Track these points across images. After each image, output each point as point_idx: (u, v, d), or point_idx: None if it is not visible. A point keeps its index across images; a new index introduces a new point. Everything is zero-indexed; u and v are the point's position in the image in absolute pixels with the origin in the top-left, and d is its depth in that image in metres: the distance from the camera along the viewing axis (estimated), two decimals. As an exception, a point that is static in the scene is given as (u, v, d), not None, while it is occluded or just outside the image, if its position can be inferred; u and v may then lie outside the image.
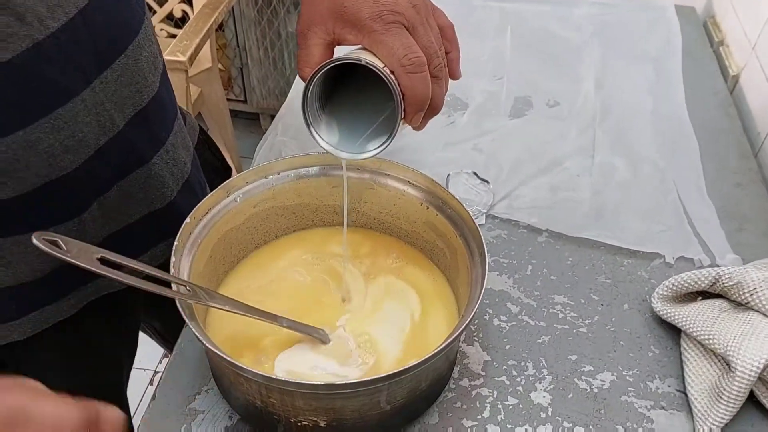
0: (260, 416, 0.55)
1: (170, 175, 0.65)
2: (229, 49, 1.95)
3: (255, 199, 0.62)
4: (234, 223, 0.62)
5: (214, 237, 0.60)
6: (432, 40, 0.50)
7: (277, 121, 0.89)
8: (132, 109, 0.59)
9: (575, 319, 0.66)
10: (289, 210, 0.66)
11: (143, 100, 0.60)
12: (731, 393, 0.54)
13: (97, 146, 0.56)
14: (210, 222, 0.59)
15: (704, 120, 0.90)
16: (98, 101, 0.54)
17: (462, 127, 0.88)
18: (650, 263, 0.71)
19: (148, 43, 0.60)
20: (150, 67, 0.60)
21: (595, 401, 0.59)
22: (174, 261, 0.54)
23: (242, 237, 0.64)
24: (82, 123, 0.53)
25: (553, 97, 0.93)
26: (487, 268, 0.54)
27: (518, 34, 1.06)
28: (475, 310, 0.51)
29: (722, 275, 0.60)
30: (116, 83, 0.56)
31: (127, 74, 0.57)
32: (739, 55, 1.00)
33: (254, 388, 0.51)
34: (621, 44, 1.03)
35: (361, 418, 0.52)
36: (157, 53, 0.63)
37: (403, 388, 0.52)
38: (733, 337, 0.56)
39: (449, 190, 0.61)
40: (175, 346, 0.63)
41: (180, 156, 0.67)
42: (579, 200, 0.78)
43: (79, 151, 0.54)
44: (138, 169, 0.61)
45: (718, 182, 0.81)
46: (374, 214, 0.66)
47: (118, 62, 0.56)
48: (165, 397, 0.59)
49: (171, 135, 0.65)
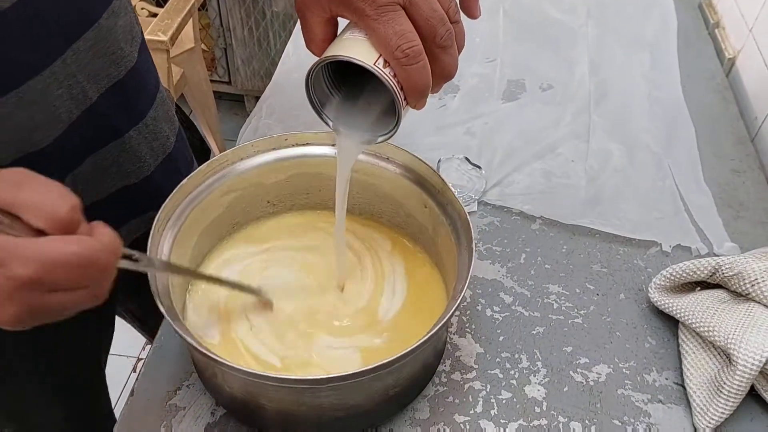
0: (244, 408, 0.53)
1: (149, 150, 0.63)
2: (212, 29, 1.90)
3: (238, 179, 0.60)
4: (217, 205, 0.59)
5: (198, 215, 0.57)
6: (434, 8, 0.45)
7: (261, 104, 0.86)
8: (107, 81, 0.56)
9: (570, 310, 0.64)
10: (273, 192, 0.63)
11: (119, 72, 0.57)
12: (732, 387, 0.52)
13: (70, 120, 0.53)
14: (194, 199, 0.57)
15: (700, 104, 0.88)
16: (70, 73, 0.52)
17: (453, 111, 0.85)
18: (646, 251, 0.69)
19: (123, 12, 0.57)
20: (126, 37, 0.58)
21: (591, 395, 0.57)
22: (153, 234, 0.52)
23: (225, 218, 0.61)
24: (53, 96, 0.51)
25: (547, 81, 0.91)
26: (475, 256, 0.51)
27: (511, 16, 1.03)
28: (458, 303, 0.48)
29: (722, 265, 0.58)
30: (89, 54, 0.53)
31: (100, 45, 0.54)
32: (735, 38, 0.97)
33: (238, 382, 0.49)
34: (616, 26, 1.01)
35: (347, 408, 0.50)
36: (135, 23, 0.60)
37: (388, 379, 0.50)
38: (734, 329, 0.54)
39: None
40: (155, 338, 0.60)
41: (162, 130, 0.65)
42: (574, 187, 0.76)
43: (51, 126, 0.52)
44: (112, 142, 0.59)
45: (714, 168, 0.79)
46: (364, 198, 0.64)
47: (90, 32, 0.53)
48: (144, 392, 0.56)
49: (152, 109, 0.63)
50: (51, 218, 0.36)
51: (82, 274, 0.37)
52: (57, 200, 0.37)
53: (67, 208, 0.37)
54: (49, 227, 0.36)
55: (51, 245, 0.36)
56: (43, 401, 0.70)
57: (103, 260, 0.38)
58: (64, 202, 0.37)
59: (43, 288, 0.36)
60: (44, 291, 0.36)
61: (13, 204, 0.36)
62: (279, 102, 0.87)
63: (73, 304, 0.38)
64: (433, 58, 0.45)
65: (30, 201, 0.36)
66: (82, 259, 0.36)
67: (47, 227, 0.36)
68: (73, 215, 0.37)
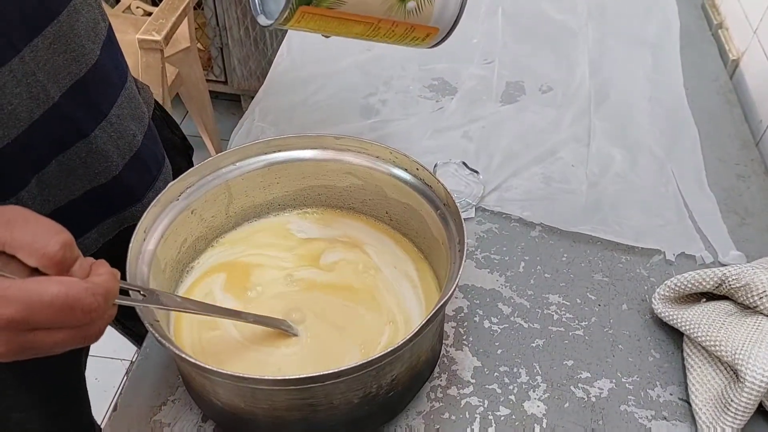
0: (234, 418, 0.51)
1: (115, 149, 0.61)
2: (208, 28, 1.88)
3: (227, 184, 0.58)
4: (206, 207, 0.58)
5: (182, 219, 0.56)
6: None
7: (254, 106, 0.84)
8: (68, 80, 0.54)
9: (571, 321, 0.62)
10: (267, 193, 0.61)
11: (81, 69, 0.55)
12: (740, 404, 0.50)
13: (30, 119, 0.52)
14: (177, 205, 0.55)
15: (703, 107, 0.86)
16: (28, 71, 0.50)
17: (451, 114, 0.83)
18: (649, 260, 0.67)
19: (86, 9, 0.55)
20: (89, 34, 0.56)
21: (593, 411, 0.55)
22: (132, 247, 0.50)
23: (212, 221, 0.59)
24: (11, 94, 0.49)
25: (547, 83, 0.89)
26: (464, 262, 0.50)
27: (510, 16, 1.01)
28: (446, 299, 0.47)
29: (729, 276, 0.56)
30: (48, 51, 0.52)
31: (60, 41, 0.53)
32: (739, 39, 0.95)
33: (228, 390, 0.48)
34: (617, 27, 0.99)
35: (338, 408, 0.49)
36: (99, 19, 0.58)
37: (386, 374, 0.48)
38: (742, 344, 0.52)
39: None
40: (140, 349, 0.58)
41: (128, 128, 0.63)
42: (574, 192, 0.73)
43: (9, 125, 0.50)
44: (78, 142, 0.57)
45: (719, 173, 0.77)
46: (358, 197, 0.62)
47: (50, 29, 0.51)
48: (128, 407, 0.54)
49: (115, 107, 0.61)
50: (43, 256, 0.37)
51: (66, 316, 0.37)
52: (47, 238, 0.37)
53: (58, 245, 0.37)
54: (41, 265, 0.37)
55: (34, 286, 0.37)
56: (20, 401, 0.68)
57: (88, 302, 0.38)
58: (54, 240, 0.37)
59: (27, 327, 0.37)
60: (28, 330, 0.37)
61: (6, 244, 0.36)
62: (272, 104, 0.84)
63: (61, 343, 0.38)
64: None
65: (22, 240, 0.37)
66: (65, 300, 0.37)
67: (40, 265, 0.37)
68: (65, 252, 0.38)
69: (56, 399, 0.74)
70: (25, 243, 0.37)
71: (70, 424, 0.77)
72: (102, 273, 0.39)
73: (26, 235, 0.37)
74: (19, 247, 0.37)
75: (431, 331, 0.51)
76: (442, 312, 0.48)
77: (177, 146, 0.80)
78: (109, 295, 0.39)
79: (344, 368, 0.43)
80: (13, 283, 0.36)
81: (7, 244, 0.36)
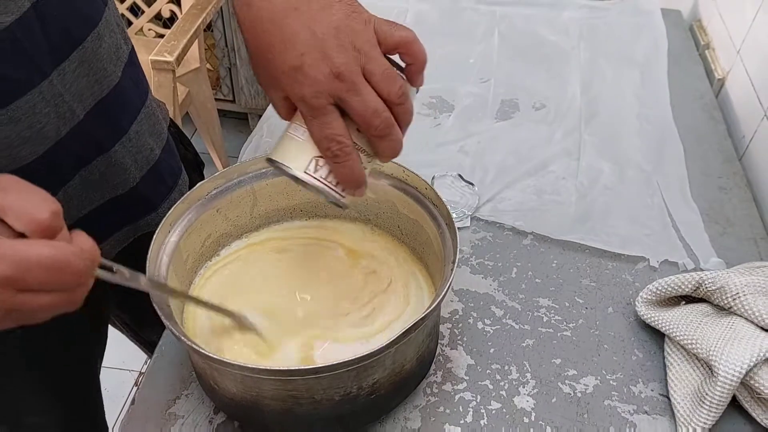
0: (245, 409, 0.54)
1: (133, 162, 0.65)
2: (217, 49, 1.94)
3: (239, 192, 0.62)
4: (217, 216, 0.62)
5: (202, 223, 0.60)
6: (367, 100, 0.45)
7: (262, 123, 0.89)
8: (92, 100, 0.58)
9: (559, 323, 0.65)
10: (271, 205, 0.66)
11: (103, 90, 0.59)
12: (714, 398, 0.54)
13: (57, 137, 0.55)
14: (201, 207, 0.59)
15: (689, 123, 0.90)
16: (56, 93, 0.54)
17: (448, 129, 0.88)
18: (635, 266, 0.71)
19: (109, 34, 0.60)
20: (111, 57, 0.60)
21: (579, 405, 0.59)
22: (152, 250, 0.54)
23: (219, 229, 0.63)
24: (40, 114, 0.53)
25: (540, 100, 0.93)
26: (456, 267, 0.53)
27: (506, 37, 1.06)
28: (439, 301, 0.50)
29: (705, 279, 0.60)
30: (74, 74, 0.56)
31: (85, 65, 0.57)
32: (724, 59, 1.00)
33: (237, 381, 0.51)
34: (608, 48, 1.04)
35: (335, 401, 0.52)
36: (121, 43, 0.62)
37: (387, 366, 0.51)
38: (716, 341, 0.56)
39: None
40: (156, 348, 0.62)
41: (146, 143, 0.67)
42: (564, 203, 0.78)
43: (38, 142, 0.54)
44: (98, 157, 0.61)
45: (702, 186, 0.81)
46: (372, 210, 0.66)
47: (76, 54, 0.55)
48: (144, 401, 0.58)
49: (134, 123, 0.65)
50: (32, 222, 0.38)
51: (56, 277, 0.38)
52: (39, 205, 0.38)
53: (48, 213, 0.38)
54: (29, 231, 0.38)
55: (26, 246, 0.37)
56: (37, 405, 0.71)
57: (77, 265, 0.39)
58: (45, 207, 0.38)
59: (16, 287, 0.37)
60: (16, 291, 0.37)
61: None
62: (280, 121, 0.88)
63: (47, 306, 0.39)
64: (374, 146, 0.48)
65: (13, 205, 0.38)
66: (55, 261, 0.38)
67: (28, 230, 0.38)
68: (53, 220, 0.39)
69: (72, 402, 0.77)
70: (16, 207, 0.37)
71: (85, 426, 0.81)
72: (84, 240, 0.40)
73: (18, 200, 0.38)
74: (10, 211, 0.37)
75: (417, 338, 0.53)
76: (425, 323, 0.50)
77: (189, 161, 0.85)
78: (95, 261, 0.41)
79: (320, 366, 0.46)
80: (6, 242, 0.37)
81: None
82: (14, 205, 0.38)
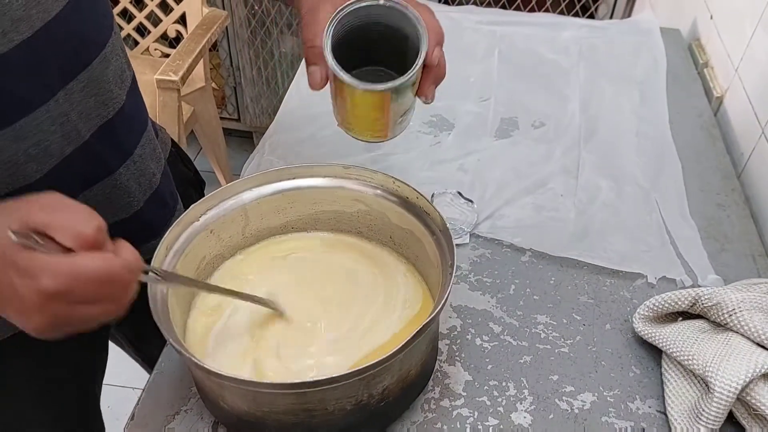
0: (247, 423, 0.55)
1: (137, 186, 0.66)
2: (222, 69, 1.96)
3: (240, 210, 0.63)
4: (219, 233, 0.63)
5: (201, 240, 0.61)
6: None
7: (264, 141, 0.90)
8: (98, 121, 0.60)
9: (557, 339, 0.66)
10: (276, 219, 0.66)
11: (109, 112, 0.61)
12: (710, 414, 0.54)
13: (62, 155, 0.57)
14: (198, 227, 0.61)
15: (688, 141, 0.91)
16: (63, 112, 0.55)
17: (447, 148, 0.89)
18: (632, 283, 0.71)
19: (115, 58, 0.61)
20: (116, 80, 0.62)
21: (576, 422, 0.59)
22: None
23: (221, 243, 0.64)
24: (46, 132, 0.54)
25: (539, 119, 0.94)
26: (452, 281, 0.54)
27: (506, 56, 1.07)
28: (435, 313, 0.51)
29: (702, 296, 0.60)
30: (81, 94, 0.57)
31: (92, 86, 0.58)
32: (723, 77, 1.01)
33: (241, 395, 0.52)
34: (607, 66, 1.05)
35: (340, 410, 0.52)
36: (126, 68, 0.64)
37: (391, 375, 0.52)
38: (712, 357, 0.56)
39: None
40: (156, 364, 0.63)
41: (148, 167, 0.68)
42: (563, 220, 0.78)
43: (43, 161, 0.55)
44: (104, 179, 0.62)
45: (701, 203, 0.81)
46: (365, 222, 0.67)
47: (83, 74, 0.57)
48: (143, 417, 0.59)
49: (138, 147, 0.66)
50: (78, 237, 0.41)
51: (106, 288, 0.41)
52: (84, 221, 0.42)
53: (93, 228, 0.42)
54: (77, 246, 0.41)
55: (79, 260, 0.40)
56: (37, 422, 0.72)
57: (125, 276, 0.42)
58: (90, 223, 0.42)
59: (69, 300, 0.40)
60: (70, 303, 0.40)
61: (46, 225, 0.41)
62: (282, 139, 0.90)
63: (96, 316, 0.42)
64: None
65: (60, 222, 0.41)
66: (106, 274, 0.41)
67: (75, 246, 0.41)
68: (98, 235, 0.42)
69: (72, 419, 0.78)
70: (64, 225, 0.41)
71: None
72: (128, 251, 0.43)
73: (64, 218, 0.41)
74: (58, 228, 0.40)
75: (421, 345, 0.55)
76: (430, 328, 0.52)
77: (190, 180, 0.86)
78: (139, 270, 0.44)
79: (335, 375, 0.47)
80: (59, 258, 0.40)
81: (46, 225, 0.40)
82: (62, 222, 0.41)
